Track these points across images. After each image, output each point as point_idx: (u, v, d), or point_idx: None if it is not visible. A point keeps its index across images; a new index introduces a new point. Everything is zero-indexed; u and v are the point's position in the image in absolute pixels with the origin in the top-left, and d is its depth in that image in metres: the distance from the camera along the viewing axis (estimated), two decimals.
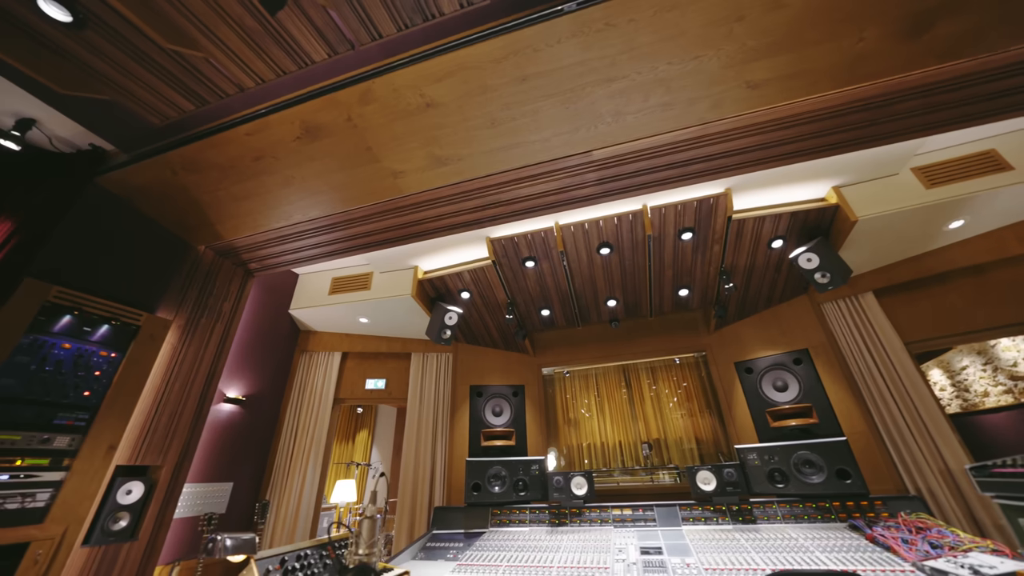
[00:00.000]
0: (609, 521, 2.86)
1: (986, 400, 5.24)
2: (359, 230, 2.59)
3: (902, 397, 3.02)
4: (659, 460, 4.49)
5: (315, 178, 2.12)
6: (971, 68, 1.70)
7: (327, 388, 4.11)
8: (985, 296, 3.10)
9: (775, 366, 3.29)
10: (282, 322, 4.02)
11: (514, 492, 3.19)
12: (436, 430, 4.07)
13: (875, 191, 2.80)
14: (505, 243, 3.22)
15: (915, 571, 1.73)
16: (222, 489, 3.21)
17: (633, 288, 3.78)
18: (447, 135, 1.89)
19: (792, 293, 3.67)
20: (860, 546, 2.06)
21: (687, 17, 1.45)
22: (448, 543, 2.78)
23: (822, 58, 1.61)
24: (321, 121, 1.83)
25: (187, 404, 2.26)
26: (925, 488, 2.78)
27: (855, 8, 1.45)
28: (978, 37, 1.56)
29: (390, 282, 3.68)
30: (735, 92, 1.73)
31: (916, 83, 1.75)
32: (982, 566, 1.54)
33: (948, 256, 3.13)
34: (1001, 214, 2.89)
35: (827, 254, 2.86)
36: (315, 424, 3.92)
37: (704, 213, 2.93)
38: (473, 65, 1.60)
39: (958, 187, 2.67)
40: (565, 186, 2.27)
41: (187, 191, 2.18)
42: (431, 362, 4.36)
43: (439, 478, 3.87)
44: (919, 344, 3.24)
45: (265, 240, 2.62)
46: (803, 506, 2.60)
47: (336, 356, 4.27)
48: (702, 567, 2.00)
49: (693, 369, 4.68)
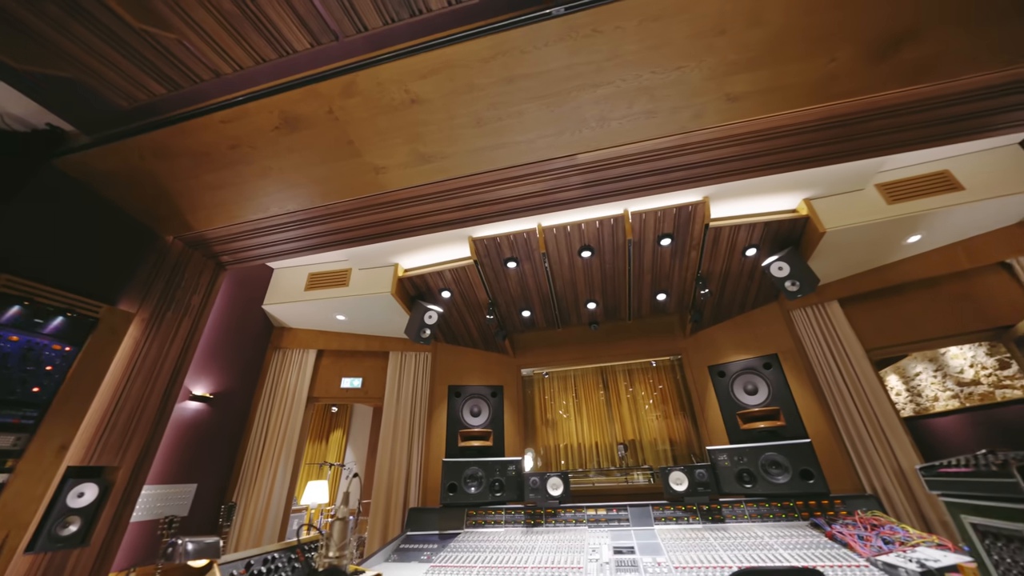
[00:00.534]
0: (584, 521, 2.89)
1: (936, 404, 5.58)
2: (338, 225, 2.53)
3: (862, 401, 3.18)
4: (634, 461, 4.58)
5: (294, 170, 2.06)
6: (931, 93, 1.81)
7: (300, 386, 3.99)
8: (937, 307, 3.30)
9: (746, 370, 3.40)
10: (255, 318, 3.89)
11: (490, 493, 3.18)
12: (413, 430, 4.02)
13: (842, 205, 2.94)
14: (488, 243, 3.22)
15: (869, 566, 1.82)
16: (185, 491, 3.07)
17: (613, 291, 3.84)
18: (432, 132, 1.87)
19: (764, 300, 3.81)
20: (820, 543, 2.15)
21: (671, 28, 1.48)
22: (422, 544, 2.74)
23: (798, 75, 1.68)
24: (301, 112, 1.77)
25: (149, 401, 2.15)
26: (880, 487, 2.94)
27: (828, 30, 1.51)
28: (936, 65, 1.66)
29: (369, 279, 3.61)
30: (716, 103, 1.78)
31: (883, 104, 1.85)
32: (927, 560, 1.64)
33: (906, 268, 3.32)
34: (953, 231, 3.09)
35: (797, 263, 2.98)
36: (287, 423, 3.81)
37: (683, 220, 3.01)
38: (460, 63, 1.59)
39: (916, 204, 2.83)
40: (549, 188, 2.28)
41: (156, 178, 2.07)
42: (409, 361, 4.30)
43: (415, 479, 3.82)
44: (878, 351, 3.41)
45: (239, 232, 2.52)
46: (769, 505, 2.70)
47: (311, 353, 4.16)
48: (672, 565, 2.04)
49: (669, 372, 4.79)
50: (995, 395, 4.62)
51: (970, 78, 1.75)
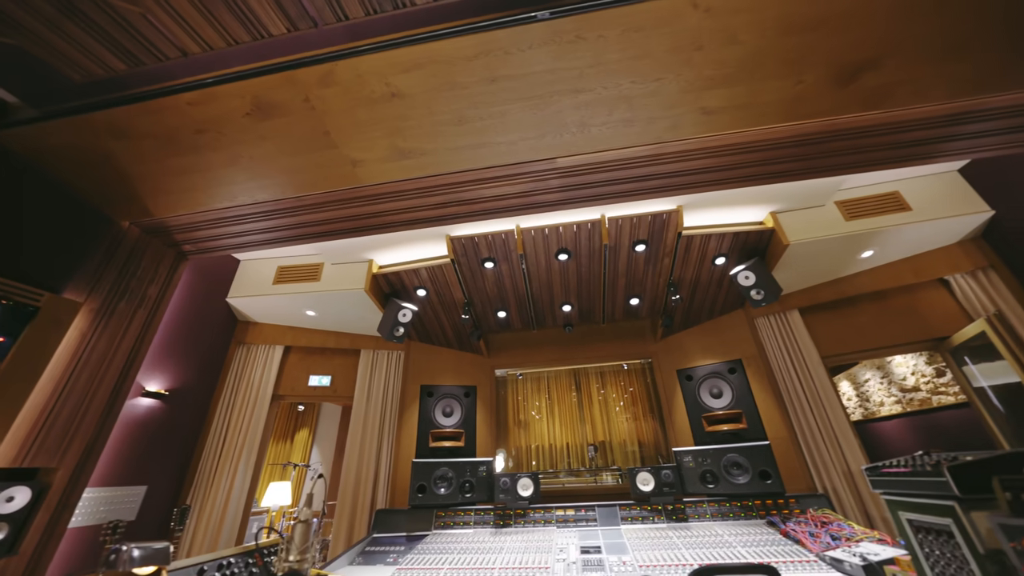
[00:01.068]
0: (553, 521, 2.91)
1: (881, 409, 5.97)
2: (312, 218, 2.45)
3: (817, 406, 3.36)
4: (603, 462, 4.66)
5: (265, 159, 1.98)
6: (886, 119, 1.94)
7: (265, 383, 3.84)
8: (885, 318, 3.53)
9: (712, 374, 3.53)
10: (218, 311, 3.70)
11: (460, 494, 3.16)
12: (383, 430, 3.94)
13: (805, 219, 3.10)
14: (465, 242, 3.20)
15: (818, 561, 1.93)
16: (133, 493, 2.89)
17: (588, 295, 3.90)
18: (412, 127, 1.84)
19: (731, 307, 3.97)
20: (775, 540, 2.26)
21: (652, 40, 1.52)
22: (389, 547, 2.69)
23: (768, 94, 1.76)
24: (276, 99, 1.71)
25: (95, 398, 2.01)
26: (830, 487, 3.11)
27: (797, 53, 1.60)
28: (892, 93, 1.78)
29: (342, 274, 3.51)
30: (691, 116, 1.84)
31: (844, 126, 1.96)
32: (869, 553, 1.76)
33: (859, 282, 3.54)
34: (901, 248, 3.32)
35: (762, 273, 3.12)
36: (249, 422, 3.65)
37: (657, 227, 3.09)
38: (443, 60, 1.58)
39: (870, 221, 3.02)
40: (528, 190, 2.29)
41: (113, 159, 1.94)
42: (381, 360, 4.22)
43: (383, 480, 3.74)
44: (833, 358, 3.62)
45: (204, 221, 2.40)
46: (729, 505, 2.81)
47: (277, 350, 4.00)
48: (636, 564, 2.09)
49: (639, 375, 4.91)
50: (932, 401, 5.00)
51: (920, 108, 1.89)
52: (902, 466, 1.30)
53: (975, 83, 1.77)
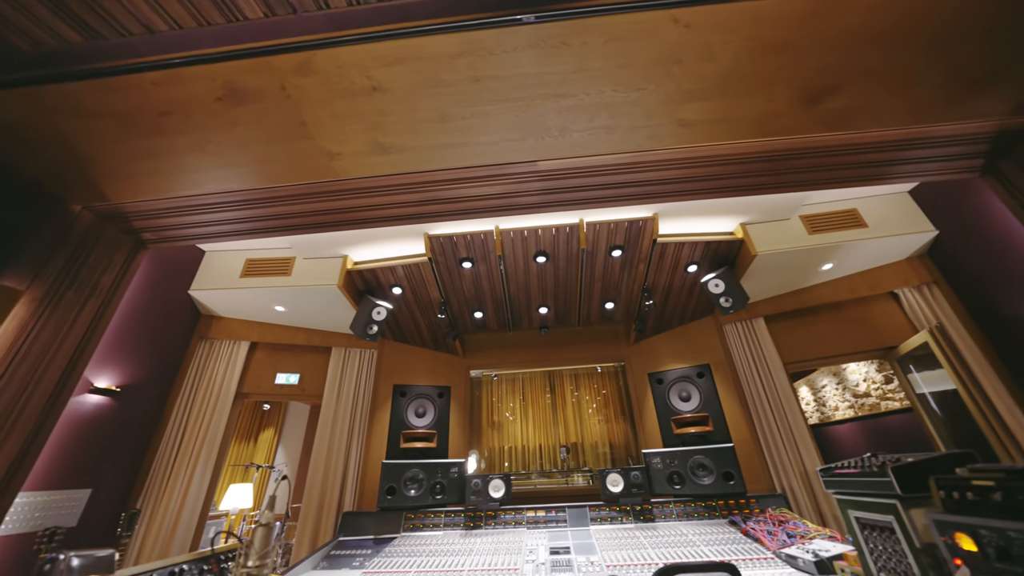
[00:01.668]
0: (523, 523, 2.92)
1: (836, 413, 6.32)
2: (284, 210, 2.36)
3: (778, 410, 3.52)
4: (575, 463, 4.71)
5: (237, 147, 1.90)
6: (847, 140, 2.06)
7: (229, 381, 3.67)
8: (842, 328, 3.74)
9: (682, 378, 3.64)
10: (179, 304, 3.51)
11: (431, 495, 3.12)
12: (353, 431, 3.84)
13: (772, 231, 3.25)
14: (444, 241, 3.17)
15: (774, 558, 2.02)
16: (75, 497, 2.69)
17: (564, 297, 3.94)
18: (392, 123, 1.81)
19: (701, 313, 4.10)
20: (736, 539, 2.35)
21: (634, 50, 1.56)
22: (355, 550, 2.62)
23: (742, 110, 1.83)
24: (249, 85, 1.64)
25: (34, 394, 1.86)
26: (788, 487, 3.27)
27: (769, 73, 1.67)
28: (853, 116, 1.89)
29: (315, 269, 3.41)
30: (669, 127, 1.89)
31: (809, 145, 2.07)
32: (820, 550, 1.86)
33: (819, 293, 3.74)
34: (857, 262, 3.53)
35: (731, 282, 3.24)
36: (209, 420, 3.47)
37: (634, 234, 3.16)
38: (427, 56, 1.56)
39: (830, 236, 3.20)
40: (509, 192, 2.29)
41: (64, 138, 1.81)
42: (353, 358, 4.11)
43: (351, 482, 3.65)
44: (794, 365, 3.80)
45: (166, 208, 2.27)
46: (694, 505, 2.90)
47: (243, 345, 3.84)
48: (604, 564, 2.13)
49: (612, 378, 5.00)
50: (881, 406, 5.34)
51: (876, 132, 2.01)
52: (852, 467, 1.38)
53: (923, 112, 1.90)
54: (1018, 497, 0.78)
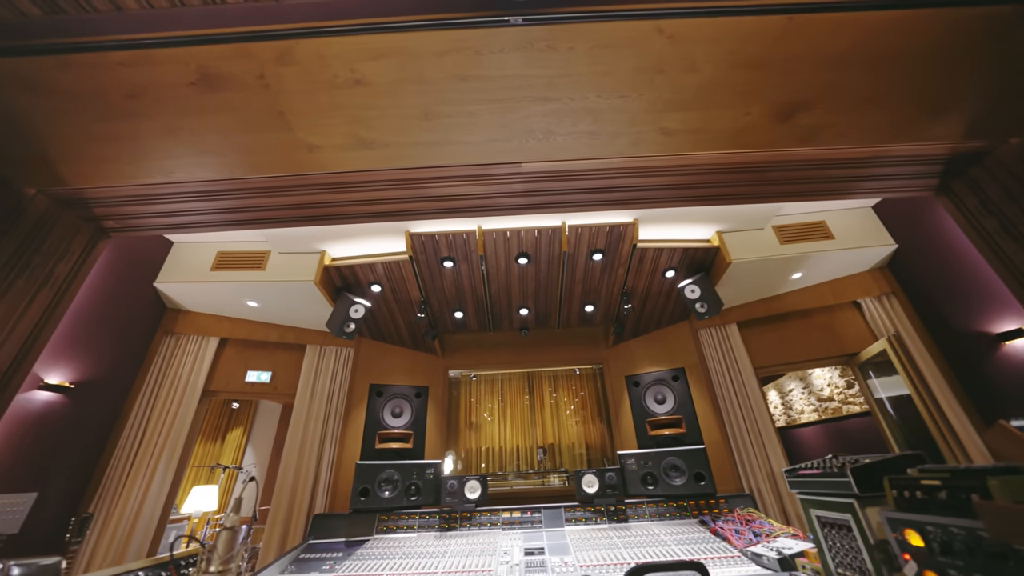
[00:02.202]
0: (498, 524, 2.92)
1: (802, 416, 6.58)
2: (260, 202, 2.29)
3: (748, 413, 3.64)
4: (552, 464, 4.74)
5: (210, 134, 1.83)
6: (816, 156, 2.15)
7: (195, 378, 3.52)
8: (809, 335, 3.91)
9: (658, 381, 3.72)
10: (143, 296, 3.35)
11: (405, 497, 3.08)
12: (327, 431, 3.75)
13: (746, 240, 3.37)
14: (425, 240, 3.14)
15: (741, 556, 2.09)
16: (17, 502, 2.51)
17: (545, 299, 3.96)
18: (375, 118, 1.78)
19: (677, 318, 4.20)
20: (705, 538, 2.42)
21: (618, 58, 1.59)
22: (325, 553, 2.56)
23: (720, 122, 1.89)
24: (225, 71, 1.58)
25: None
26: (755, 487, 3.38)
27: (747, 88, 1.73)
28: (821, 133, 1.98)
29: (291, 265, 3.31)
30: (651, 135, 1.94)
31: (781, 158, 2.16)
32: (784, 548, 1.93)
33: (788, 300, 3.89)
34: (824, 272, 3.69)
35: (707, 288, 3.34)
36: (173, 419, 3.32)
37: (614, 238, 3.21)
38: (413, 52, 1.54)
39: (800, 246, 3.34)
40: (492, 192, 2.29)
41: (17, 115, 1.70)
42: (329, 356, 4.02)
43: (323, 483, 3.56)
44: (764, 369, 3.94)
45: (132, 196, 2.16)
46: (667, 505, 2.96)
47: (212, 341, 3.69)
48: (577, 564, 2.15)
49: (590, 380, 5.06)
50: (842, 410, 5.59)
51: (843, 149, 2.12)
52: (815, 468, 1.44)
53: (885, 132, 2.01)
54: (961, 495, 0.83)
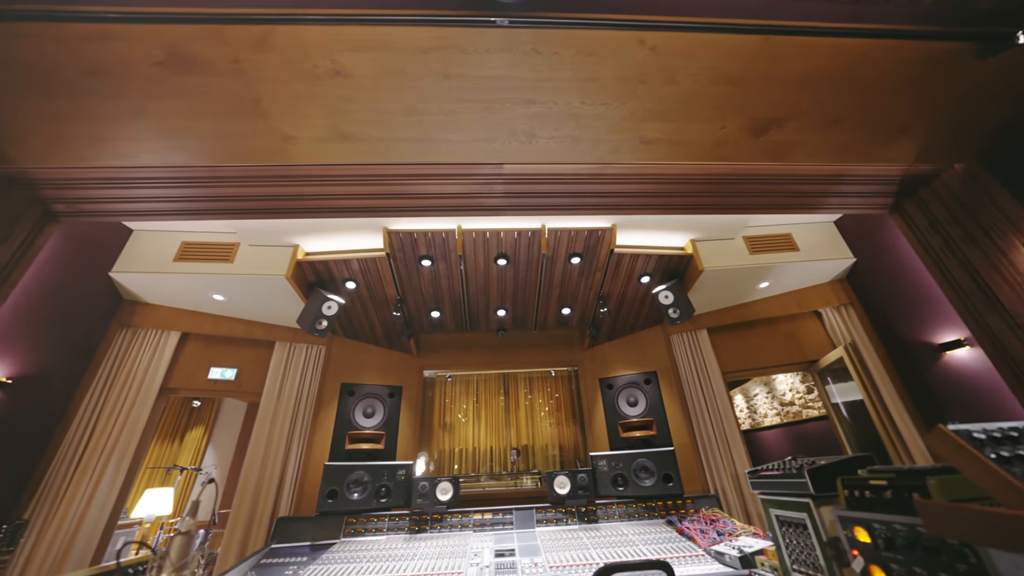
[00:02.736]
0: (470, 526, 2.90)
1: (765, 420, 6.87)
2: (231, 192, 2.20)
3: (715, 415, 3.77)
4: (525, 465, 4.75)
5: (178, 118, 1.74)
6: (785, 171, 2.26)
7: (153, 374, 3.33)
8: (774, 342, 4.09)
9: (630, 384, 3.79)
10: (96, 286, 3.14)
11: (375, 499, 3.01)
12: (294, 430, 3.62)
13: (718, 249, 3.49)
14: (403, 237, 3.09)
15: (705, 555, 2.16)
16: None
17: (523, 301, 3.98)
18: (356, 111, 1.75)
19: (651, 323, 4.31)
20: (671, 538, 2.48)
21: (602, 66, 1.62)
22: (289, 558, 2.47)
23: (698, 133, 1.96)
24: (196, 53, 1.51)
25: None
26: (720, 488, 3.50)
27: (723, 102, 1.80)
28: (792, 150, 2.08)
29: (261, 258, 3.19)
30: (631, 143, 1.98)
31: (755, 172, 2.25)
32: (745, 546, 2.01)
33: (755, 308, 4.06)
34: (789, 282, 3.87)
35: (680, 294, 3.44)
36: (126, 418, 3.13)
37: (592, 243, 3.26)
38: (397, 46, 1.52)
39: (768, 257, 3.49)
40: (473, 192, 2.29)
41: None
42: (299, 354, 3.89)
43: (289, 485, 3.44)
44: (731, 374, 4.09)
45: (87, 179, 2.03)
46: (636, 506, 3.02)
47: (172, 336, 3.50)
48: (547, 565, 2.16)
49: (565, 382, 5.11)
50: (802, 414, 5.87)
51: (810, 166, 2.23)
52: (775, 470, 1.51)
53: (847, 152, 2.14)
54: (904, 494, 0.89)
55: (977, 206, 2.19)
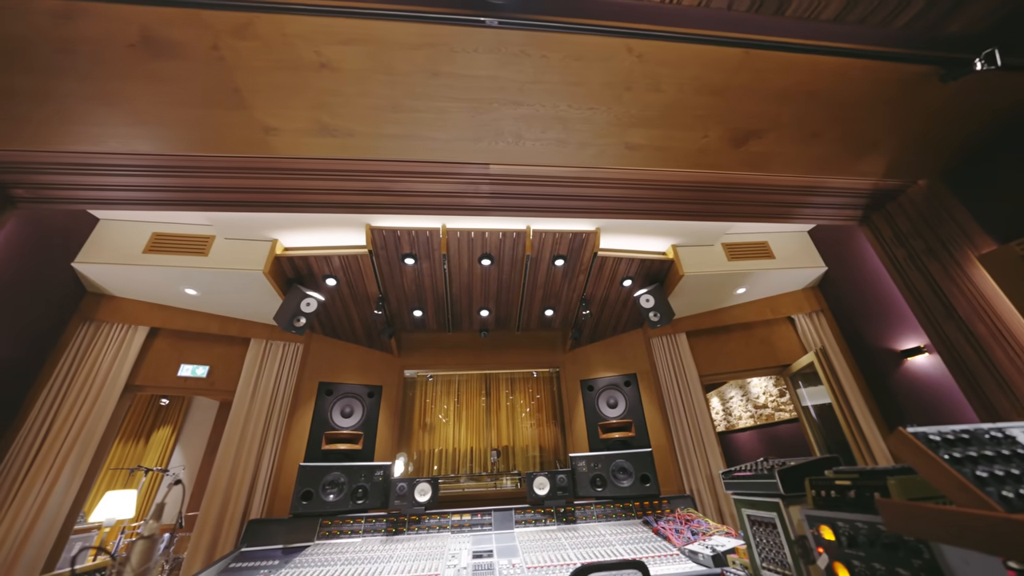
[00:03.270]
0: (448, 527, 2.88)
1: (740, 422, 7.06)
2: (207, 182, 2.13)
3: (692, 417, 3.85)
4: (505, 466, 4.75)
5: (152, 104, 1.67)
6: (763, 181, 2.33)
7: (117, 370, 3.18)
8: (747, 346, 4.21)
9: (611, 386, 3.84)
10: (57, 277, 2.98)
11: (352, 500, 2.96)
12: (268, 430, 3.52)
13: (698, 255, 3.57)
14: (387, 235, 3.05)
15: (679, 554, 2.20)
16: None
17: (506, 302, 3.98)
18: (340, 104, 1.71)
19: (632, 326, 4.37)
20: (647, 538, 2.52)
21: (590, 71, 1.64)
22: (259, 561, 2.40)
23: (680, 141, 2.00)
24: (174, 37, 1.46)
25: None
26: (695, 489, 3.58)
27: (706, 112, 1.85)
28: (770, 161, 2.15)
29: (238, 252, 3.09)
30: (616, 148, 2.01)
31: (734, 181, 2.32)
32: (717, 545, 2.06)
33: (732, 314, 4.17)
34: (765, 289, 4.00)
35: (660, 298, 3.50)
36: (87, 416, 2.98)
37: (576, 245, 3.29)
38: (384, 41, 1.50)
39: (745, 264, 3.59)
40: (459, 191, 2.28)
41: None
42: (275, 351, 3.79)
43: (262, 487, 3.34)
44: (708, 377, 4.19)
45: (52, 163, 1.93)
46: (613, 506, 3.06)
47: (140, 331, 3.36)
48: (525, 566, 2.16)
49: (547, 383, 5.13)
50: (775, 416, 6.07)
51: (786, 177, 2.31)
52: (747, 471, 1.55)
53: (822, 165, 2.22)
54: (866, 494, 0.94)
55: (937, 221, 2.32)
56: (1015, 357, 1.97)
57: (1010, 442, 0.71)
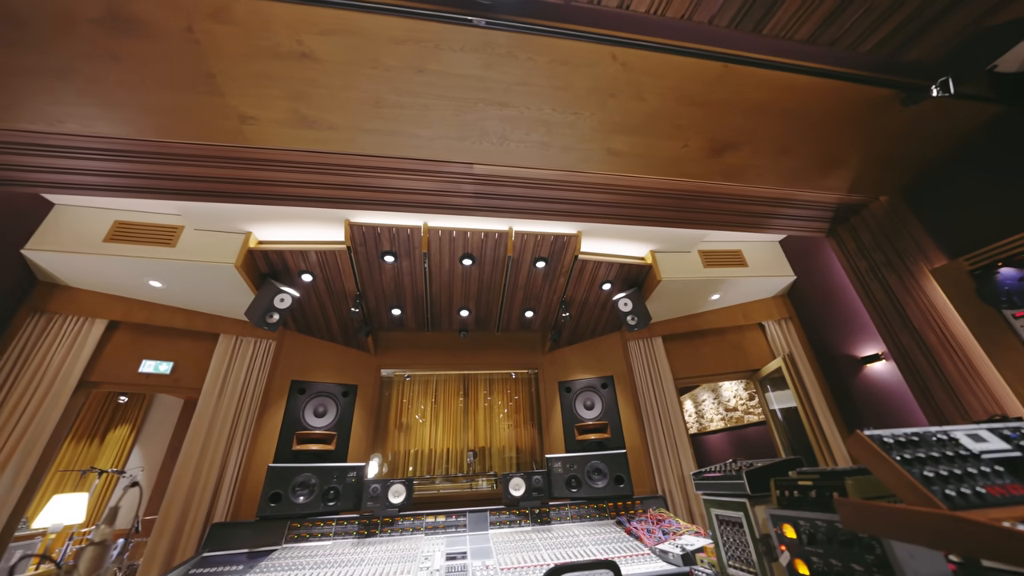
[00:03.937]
0: (421, 529, 2.84)
1: (711, 424, 7.28)
2: (176, 170, 2.03)
3: (666, 419, 3.94)
4: (481, 467, 4.73)
5: (117, 84, 1.59)
6: (738, 191, 2.42)
7: (70, 366, 2.99)
8: (722, 351, 4.34)
9: (588, 388, 3.89)
10: (2, 263, 2.78)
11: (323, 502, 2.88)
12: (236, 430, 3.39)
13: (675, 261, 3.66)
14: (367, 231, 2.99)
15: (650, 553, 2.24)
16: None
17: (487, 302, 3.97)
18: (321, 96, 1.67)
19: (610, 329, 4.44)
20: (620, 538, 2.56)
21: (575, 76, 1.66)
22: (222, 567, 2.30)
23: (661, 149, 2.05)
24: (142, 14, 1.39)
25: None
26: (667, 489, 3.66)
27: (686, 122, 1.90)
28: (744, 172, 2.23)
29: (208, 244, 2.97)
30: (599, 154, 2.04)
31: (711, 190, 2.39)
32: (687, 544, 2.11)
33: (707, 319, 4.29)
34: (738, 296, 4.13)
35: (638, 302, 3.57)
36: (33, 414, 2.79)
37: (558, 248, 3.32)
38: (369, 34, 1.48)
39: (720, 271, 3.71)
40: (441, 190, 2.26)
41: None
42: (246, 348, 3.65)
43: (227, 489, 3.21)
44: (682, 380, 4.30)
45: (1, 141, 1.80)
46: (587, 507, 3.09)
47: (98, 324, 3.17)
48: (499, 567, 2.16)
49: (525, 384, 5.15)
50: (744, 419, 6.28)
51: (759, 188, 2.40)
52: (716, 472, 1.60)
53: (793, 178, 2.32)
54: (826, 494, 0.98)
55: (896, 235, 2.46)
56: (960, 365, 2.11)
57: (954, 444, 0.76)
